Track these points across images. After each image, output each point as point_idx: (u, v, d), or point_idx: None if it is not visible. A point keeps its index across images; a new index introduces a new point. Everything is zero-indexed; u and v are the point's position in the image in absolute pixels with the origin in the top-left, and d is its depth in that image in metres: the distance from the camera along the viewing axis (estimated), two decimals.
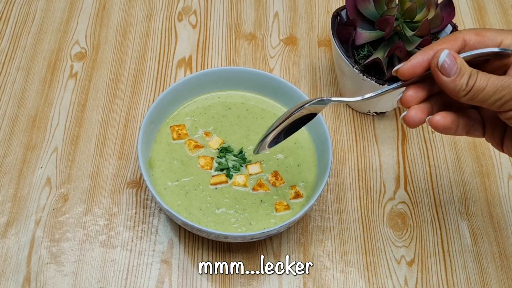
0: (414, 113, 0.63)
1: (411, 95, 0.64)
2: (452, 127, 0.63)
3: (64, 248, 0.81)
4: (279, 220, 0.79)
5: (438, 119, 0.62)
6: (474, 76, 0.60)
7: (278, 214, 0.80)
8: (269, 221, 0.79)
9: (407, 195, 0.89)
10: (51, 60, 1.00)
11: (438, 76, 0.61)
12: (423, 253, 0.83)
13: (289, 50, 1.06)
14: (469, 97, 0.60)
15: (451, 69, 0.60)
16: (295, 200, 0.81)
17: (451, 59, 0.60)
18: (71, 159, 0.90)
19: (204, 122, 0.88)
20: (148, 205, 0.86)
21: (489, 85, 0.59)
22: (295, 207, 0.81)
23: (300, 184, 0.82)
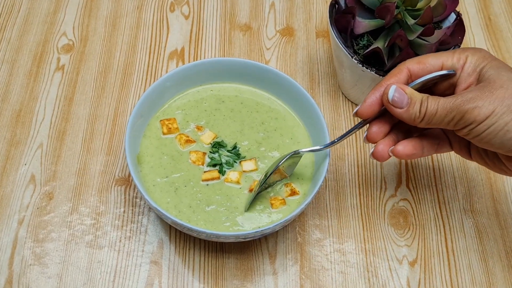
0: (381, 148, 0.69)
1: (375, 131, 0.70)
2: (416, 152, 0.69)
3: (48, 249, 0.79)
4: (275, 219, 0.76)
5: (400, 149, 0.68)
6: (425, 103, 0.65)
7: (274, 210, 0.77)
8: (263, 219, 0.76)
9: (409, 192, 0.87)
10: (37, 53, 0.98)
11: (392, 110, 0.66)
12: (426, 252, 0.81)
13: (286, 41, 1.03)
14: (425, 122, 0.65)
15: (402, 101, 0.66)
16: (291, 198, 0.78)
17: (400, 91, 0.66)
18: (56, 156, 0.87)
19: (196, 116, 0.85)
20: (137, 203, 0.83)
21: (440, 108, 0.64)
22: (291, 204, 0.78)
23: (296, 181, 0.79)
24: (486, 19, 1.08)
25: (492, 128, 0.63)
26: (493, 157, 0.70)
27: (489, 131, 0.63)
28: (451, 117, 0.64)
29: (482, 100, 0.63)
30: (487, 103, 0.62)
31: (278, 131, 0.84)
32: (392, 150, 0.69)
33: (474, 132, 0.64)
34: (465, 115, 0.63)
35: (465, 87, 0.67)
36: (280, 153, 0.82)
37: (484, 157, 0.71)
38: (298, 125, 0.85)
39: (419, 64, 0.68)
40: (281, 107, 0.87)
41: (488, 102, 0.62)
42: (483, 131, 0.63)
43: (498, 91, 0.63)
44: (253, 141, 0.83)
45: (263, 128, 0.84)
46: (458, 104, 0.63)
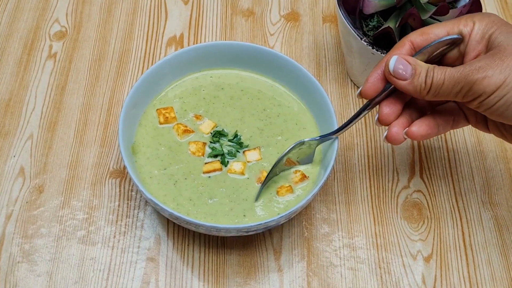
0: (395, 130, 0.65)
1: (387, 112, 0.66)
2: (431, 132, 0.66)
3: (37, 245, 0.76)
4: (281, 210, 0.73)
5: (414, 130, 0.65)
6: (430, 73, 0.61)
7: (280, 199, 0.74)
8: (269, 210, 0.73)
9: (423, 183, 0.84)
10: (27, 40, 0.95)
11: (395, 82, 0.63)
12: (442, 247, 0.79)
13: (291, 26, 1.00)
14: (432, 94, 0.62)
15: (406, 72, 0.63)
16: (300, 184, 0.74)
17: (403, 62, 0.63)
18: (47, 147, 0.84)
19: (194, 104, 0.82)
20: (133, 197, 0.80)
21: (447, 78, 0.60)
22: (297, 192, 0.74)
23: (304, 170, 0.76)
24: (503, 2, 1.04)
25: (504, 100, 0.59)
26: (510, 130, 0.66)
27: (500, 103, 0.59)
28: (459, 88, 0.60)
29: (492, 69, 0.59)
30: (497, 72, 0.58)
31: (281, 117, 0.81)
32: (406, 132, 0.65)
33: (484, 104, 0.60)
34: (474, 86, 0.59)
35: (474, 56, 0.63)
36: (285, 138, 0.79)
37: (502, 130, 0.67)
38: (303, 112, 0.82)
39: (422, 36, 0.65)
40: (285, 94, 0.83)
41: (498, 71, 0.58)
42: (494, 103, 0.59)
43: (509, 58, 0.59)
44: (255, 128, 0.79)
45: (265, 115, 0.81)
46: (466, 74, 0.59)
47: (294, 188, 0.75)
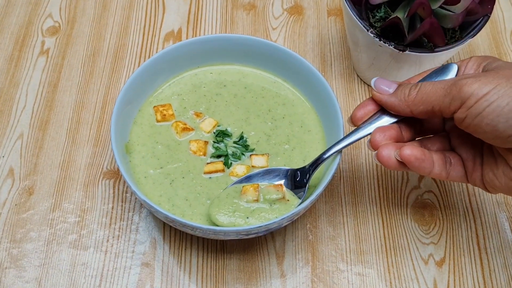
0: (387, 152, 0.63)
1: (379, 138, 0.65)
2: (425, 159, 0.63)
3: (26, 250, 0.74)
4: (282, 211, 0.70)
5: (407, 151, 0.62)
6: (417, 85, 0.62)
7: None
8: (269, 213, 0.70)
9: (435, 183, 0.82)
10: (19, 36, 0.93)
11: (378, 97, 0.65)
12: (455, 250, 0.77)
13: (294, 20, 0.97)
14: (419, 101, 0.61)
15: (389, 87, 0.64)
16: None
17: (385, 80, 0.65)
18: (38, 147, 0.82)
19: (194, 102, 0.79)
20: (128, 199, 0.78)
21: (434, 85, 0.60)
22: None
23: None
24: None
25: (495, 105, 0.55)
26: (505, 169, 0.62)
27: (490, 109, 0.55)
28: (448, 91, 0.58)
29: (485, 77, 0.57)
30: (490, 78, 0.56)
31: (286, 119, 0.79)
32: (399, 153, 0.63)
33: (473, 111, 0.56)
34: (464, 87, 0.57)
35: None
36: (292, 147, 0.76)
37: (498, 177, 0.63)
38: (308, 111, 0.79)
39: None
40: (289, 91, 0.81)
41: (491, 78, 0.56)
42: (484, 108, 0.56)
43: (504, 71, 0.57)
44: (261, 132, 0.77)
45: (270, 116, 0.79)
46: (457, 80, 0.58)
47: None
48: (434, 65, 0.82)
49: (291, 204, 0.69)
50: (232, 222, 0.68)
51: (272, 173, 0.72)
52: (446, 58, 0.81)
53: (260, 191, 0.70)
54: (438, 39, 0.76)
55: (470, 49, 0.94)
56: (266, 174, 0.72)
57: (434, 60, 0.80)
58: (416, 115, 0.63)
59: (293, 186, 0.71)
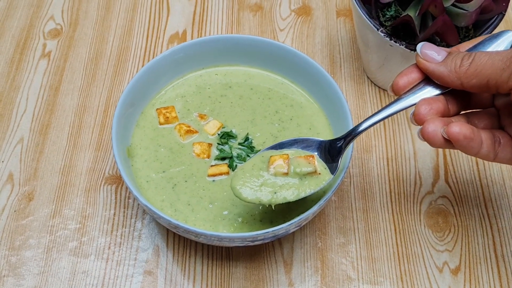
0: (432, 127, 0.58)
1: (424, 111, 0.60)
2: (474, 138, 0.57)
3: (25, 258, 0.73)
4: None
5: (456, 128, 0.57)
6: (471, 55, 0.57)
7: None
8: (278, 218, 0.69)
9: (449, 187, 0.80)
10: (20, 39, 0.92)
11: (425, 65, 0.59)
12: (470, 258, 0.75)
13: (302, 21, 0.96)
14: (472, 73, 0.56)
15: (437, 51, 0.59)
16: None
17: (433, 46, 0.60)
18: (38, 151, 0.81)
19: (198, 104, 0.78)
20: (130, 205, 0.77)
21: (491, 56, 0.55)
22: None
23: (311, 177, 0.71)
24: None
25: None
26: None
27: None
28: (507, 64, 0.54)
29: None
30: None
31: (294, 121, 0.77)
32: (447, 130, 0.57)
33: None
34: None
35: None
36: None
37: None
38: (317, 113, 0.78)
39: None
40: (297, 93, 0.80)
41: None
42: None
43: None
44: (268, 133, 0.76)
45: (278, 118, 0.78)
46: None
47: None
48: None
49: (322, 179, 0.64)
50: (258, 198, 0.64)
51: (302, 143, 0.67)
52: None
53: (290, 163, 0.65)
54: (451, 37, 0.74)
55: None
56: (295, 144, 0.67)
57: None
58: (467, 89, 0.57)
59: (324, 159, 0.65)
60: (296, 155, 0.65)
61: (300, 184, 0.65)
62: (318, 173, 0.65)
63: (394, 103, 0.61)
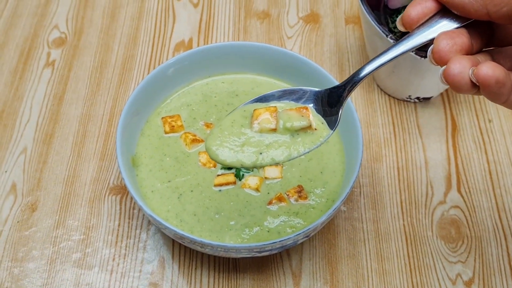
0: (458, 67, 0.48)
1: (446, 46, 0.50)
2: (506, 83, 0.48)
3: (28, 269, 0.72)
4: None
5: (488, 71, 0.47)
6: None
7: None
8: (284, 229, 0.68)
9: (461, 197, 0.80)
10: (24, 48, 0.92)
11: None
12: (484, 270, 0.74)
13: (310, 29, 0.96)
14: (501, 0, 0.48)
15: None
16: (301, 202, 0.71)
17: None
18: (42, 161, 0.81)
19: (204, 112, 0.78)
20: (135, 215, 0.76)
21: None
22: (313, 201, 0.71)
23: (322, 189, 0.72)
24: None
25: None
26: None
27: None
28: None
29: None
30: None
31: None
32: (476, 72, 0.48)
33: None
34: None
35: None
36: (308, 158, 0.74)
37: None
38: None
39: None
40: None
41: None
42: None
43: None
44: None
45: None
46: None
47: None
48: None
49: (318, 135, 0.56)
50: (239, 160, 0.55)
51: (293, 94, 0.57)
52: None
53: (278, 117, 0.56)
54: None
55: None
56: (285, 95, 0.58)
57: None
58: (495, 19, 0.49)
59: (321, 112, 0.56)
60: (286, 108, 0.56)
61: (292, 142, 0.56)
62: (313, 129, 0.55)
63: (405, 39, 0.52)
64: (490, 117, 0.86)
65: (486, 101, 0.87)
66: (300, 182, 0.71)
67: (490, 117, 0.86)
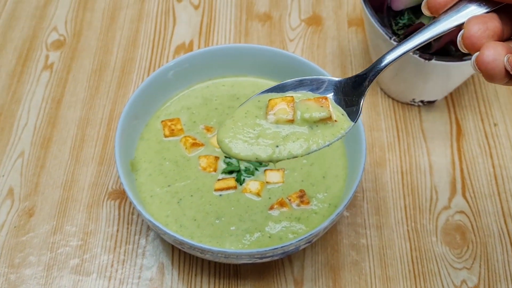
0: (493, 53, 0.46)
1: (478, 31, 0.47)
2: None
3: (25, 276, 0.72)
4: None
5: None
6: None
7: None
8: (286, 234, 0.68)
9: (466, 202, 0.79)
10: (22, 50, 0.92)
11: None
12: (490, 276, 0.74)
13: (312, 31, 0.95)
14: None
15: None
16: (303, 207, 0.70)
17: None
18: (40, 166, 0.80)
19: (204, 115, 0.78)
20: (134, 221, 0.76)
21: None
22: (315, 206, 0.70)
23: (325, 194, 0.71)
24: None
25: None
26: None
27: None
28: None
29: None
30: None
31: None
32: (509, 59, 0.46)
33: None
34: None
35: None
36: (310, 162, 0.74)
37: None
38: None
39: None
40: None
41: None
42: None
43: None
44: None
45: None
46: None
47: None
48: (463, 76, 0.80)
49: (339, 127, 0.53)
50: (255, 153, 0.52)
51: (311, 84, 0.55)
52: None
53: (296, 107, 0.53)
54: None
55: None
56: (301, 85, 0.55)
57: (463, 70, 0.77)
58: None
59: (341, 103, 0.54)
60: (304, 98, 0.53)
61: (311, 134, 0.53)
62: (333, 120, 0.52)
63: (432, 25, 0.50)
64: (495, 120, 0.85)
65: (491, 104, 0.87)
66: (302, 187, 0.71)
67: (495, 121, 0.85)
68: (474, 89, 0.89)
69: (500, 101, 0.87)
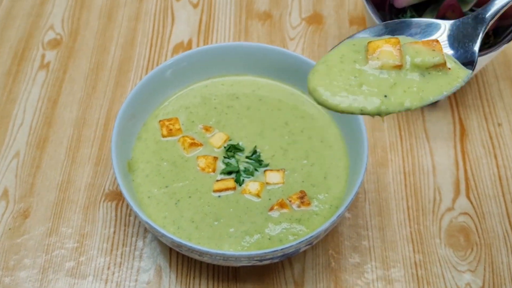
0: None
1: None
2: None
3: (19, 279, 0.72)
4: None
5: None
6: None
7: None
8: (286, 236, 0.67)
9: (470, 204, 0.79)
10: (18, 49, 0.92)
11: None
12: (495, 279, 0.74)
13: (313, 30, 0.95)
14: None
15: None
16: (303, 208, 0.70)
17: None
18: (35, 166, 0.80)
19: (203, 115, 0.78)
20: (131, 223, 0.76)
21: None
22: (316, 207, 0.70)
23: (326, 195, 0.71)
24: None
25: None
26: None
27: None
28: None
29: None
30: None
31: (305, 133, 0.76)
32: None
33: None
34: None
35: None
36: (310, 162, 0.73)
37: None
38: (329, 125, 0.78)
39: None
40: (308, 104, 0.79)
41: None
42: None
43: None
44: (277, 146, 0.75)
45: (287, 130, 0.77)
46: None
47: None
48: None
49: (455, 75, 0.47)
50: (360, 104, 0.46)
51: (409, 27, 0.48)
52: (479, 66, 0.77)
53: (403, 51, 0.46)
54: None
55: (505, 57, 0.91)
56: (398, 29, 0.49)
57: None
58: None
59: (455, 50, 0.48)
60: (411, 41, 0.46)
61: (423, 83, 0.46)
62: (447, 68, 0.46)
63: None
64: (499, 120, 0.85)
65: (495, 104, 0.86)
66: (303, 188, 0.70)
67: (499, 121, 0.85)
68: (477, 88, 0.88)
69: (504, 101, 0.87)
